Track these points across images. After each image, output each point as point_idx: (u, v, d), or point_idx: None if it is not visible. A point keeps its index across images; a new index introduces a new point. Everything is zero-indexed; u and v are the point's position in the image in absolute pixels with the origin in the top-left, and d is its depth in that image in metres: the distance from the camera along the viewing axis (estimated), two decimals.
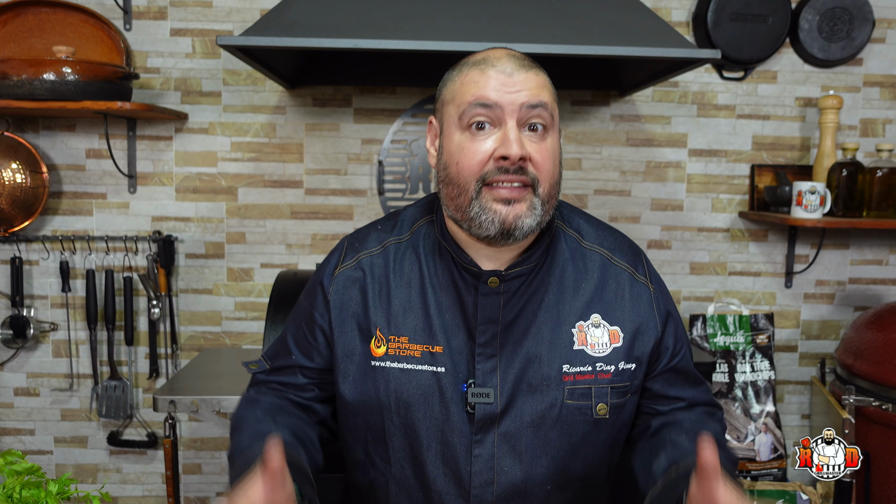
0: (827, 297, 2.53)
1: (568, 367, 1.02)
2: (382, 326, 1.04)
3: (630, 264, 1.09)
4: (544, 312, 1.04)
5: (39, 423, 2.47)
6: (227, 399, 1.87)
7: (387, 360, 1.03)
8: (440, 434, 1.02)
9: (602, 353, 1.03)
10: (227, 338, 2.46)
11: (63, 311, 2.41)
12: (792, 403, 2.56)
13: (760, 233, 2.50)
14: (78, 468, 2.48)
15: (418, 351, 1.02)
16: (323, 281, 1.10)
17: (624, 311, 1.05)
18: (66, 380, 2.44)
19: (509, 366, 1.02)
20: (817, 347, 2.54)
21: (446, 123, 1.00)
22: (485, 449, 1.01)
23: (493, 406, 1.01)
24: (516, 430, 1.02)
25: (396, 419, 1.03)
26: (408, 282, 1.05)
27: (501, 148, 0.94)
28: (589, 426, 1.03)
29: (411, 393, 1.02)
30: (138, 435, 2.47)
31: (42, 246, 2.38)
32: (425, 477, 1.03)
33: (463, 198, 0.97)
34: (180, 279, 2.44)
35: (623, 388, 1.04)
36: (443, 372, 1.01)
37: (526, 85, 0.96)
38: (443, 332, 1.03)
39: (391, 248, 1.09)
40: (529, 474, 1.03)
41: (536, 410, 1.02)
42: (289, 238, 2.44)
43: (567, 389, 1.02)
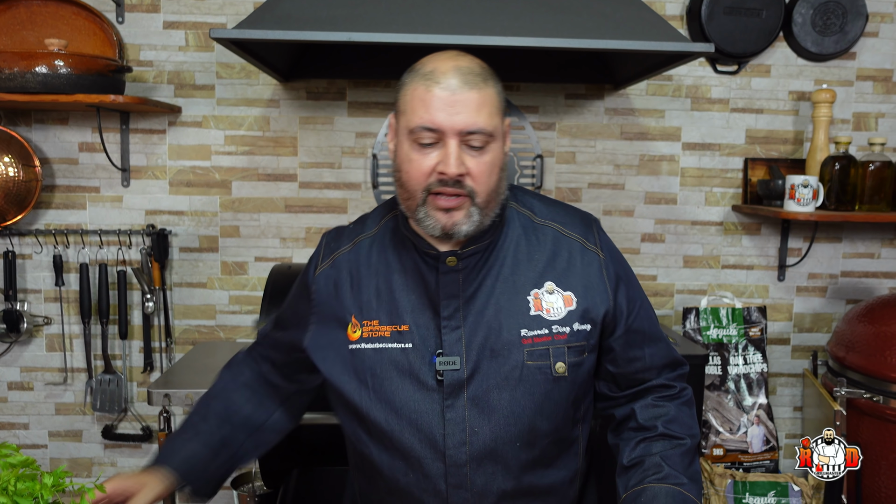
0: (819, 290, 2.54)
1: (526, 332, 1.13)
2: (357, 314, 1.16)
3: (581, 234, 1.20)
4: (501, 284, 1.15)
5: (34, 417, 2.47)
6: None
7: (362, 343, 1.15)
8: (414, 403, 1.12)
9: (557, 316, 1.14)
10: (221, 331, 2.46)
11: (57, 305, 2.40)
12: (784, 396, 2.58)
13: (753, 226, 2.51)
14: (73, 462, 2.48)
15: (388, 331, 1.14)
16: (307, 280, 1.24)
17: (576, 277, 1.16)
18: (59, 374, 2.44)
19: (473, 335, 1.13)
20: (809, 340, 2.56)
21: (400, 130, 1.11)
22: (456, 413, 1.12)
23: (460, 372, 1.11)
24: (483, 392, 1.12)
25: (374, 395, 1.14)
26: (376, 271, 1.18)
27: (441, 165, 1.06)
28: (550, 384, 1.13)
29: (384, 368, 1.14)
30: (133, 429, 2.47)
31: (35, 240, 2.37)
32: (404, 444, 1.13)
33: (411, 202, 1.10)
34: (174, 273, 2.44)
35: (579, 346, 1.15)
36: (410, 347, 1.13)
37: (466, 107, 1.05)
38: (409, 312, 1.14)
39: (363, 243, 1.22)
40: (498, 433, 1.12)
41: (500, 373, 1.12)
42: (283, 231, 2.44)
43: (526, 351, 1.13)
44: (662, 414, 1.19)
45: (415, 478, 1.14)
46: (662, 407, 1.20)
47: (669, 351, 1.23)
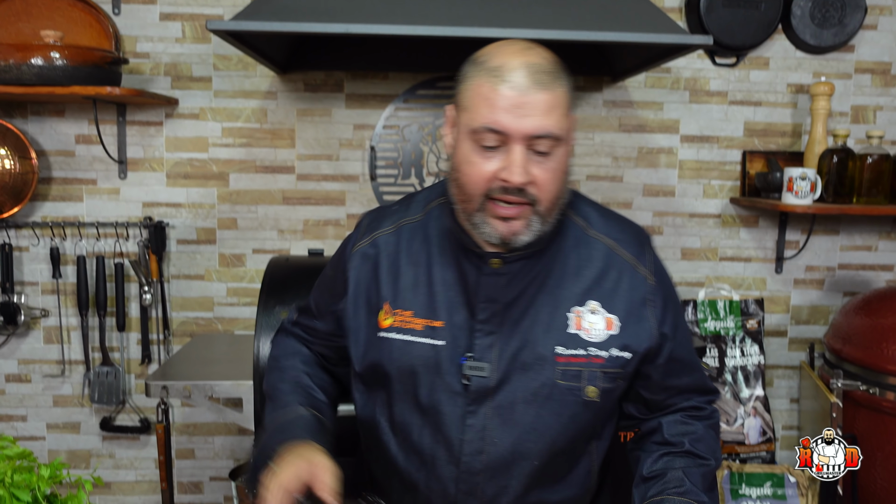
0: (816, 282, 2.55)
1: (562, 349, 1.07)
2: (391, 301, 1.12)
3: (633, 255, 1.13)
4: (543, 295, 1.09)
5: (31, 409, 2.47)
6: (219, 384, 1.87)
7: (392, 332, 1.11)
8: (437, 404, 1.08)
9: (596, 338, 1.08)
10: (219, 323, 2.46)
11: (54, 298, 2.40)
12: (781, 387, 2.59)
13: (751, 219, 2.51)
14: (71, 454, 2.48)
15: (420, 325, 1.09)
16: (344, 258, 1.19)
17: (622, 301, 1.10)
18: (57, 366, 2.44)
19: (506, 343, 1.07)
20: (806, 332, 2.57)
21: (461, 126, 1.03)
22: (477, 420, 1.07)
23: (488, 380, 1.07)
24: (508, 404, 1.07)
25: (398, 386, 1.11)
26: (416, 260, 1.12)
27: (505, 172, 0.98)
28: (578, 407, 1.09)
29: (412, 363, 1.09)
30: (131, 420, 2.47)
31: (32, 232, 2.37)
32: (421, 441, 1.11)
33: (469, 205, 1.04)
34: (172, 265, 2.43)
35: (614, 374, 1.09)
36: (442, 345, 1.08)
37: (535, 109, 0.97)
38: (445, 308, 1.09)
39: (405, 228, 1.16)
40: (517, 447, 1.08)
41: (529, 388, 1.07)
42: (280, 224, 2.43)
43: (559, 370, 1.07)
44: (690, 432, 1.16)
45: (426, 476, 1.12)
46: (691, 425, 1.17)
47: (704, 381, 1.20)
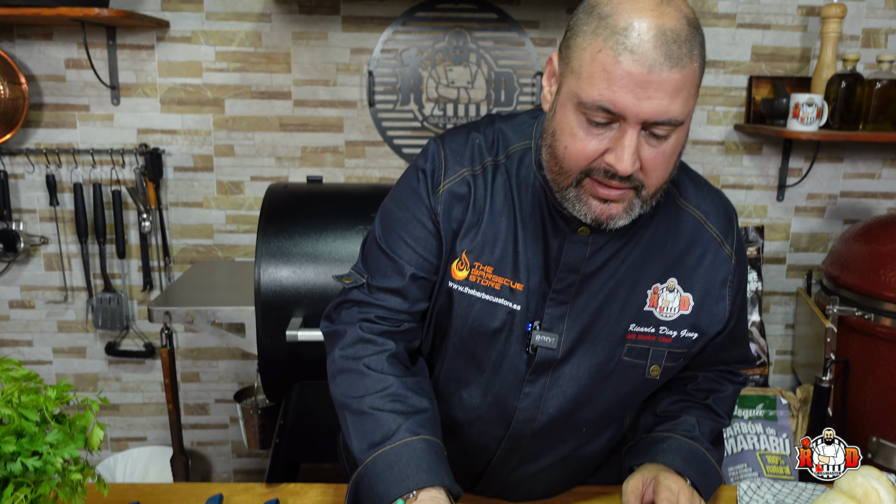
0: (818, 210, 2.54)
1: (634, 326, 1.01)
2: (469, 250, 0.99)
3: (721, 232, 1.04)
4: (626, 269, 1.00)
5: (37, 334, 2.50)
6: (221, 310, 1.89)
7: (466, 286, 0.99)
8: (498, 368, 1.02)
9: (669, 317, 1.01)
10: (219, 250, 2.47)
11: (52, 225, 2.40)
12: (777, 314, 2.62)
13: (755, 146, 2.48)
14: (78, 377, 2.53)
15: (499, 283, 0.99)
16: (429, 199, 1.01)
17: (700, 280, 1.02)
18: (60, 292, 2.45)
19: (579, 316, 1.00)
20: (805, 260, 2.58)
21: (568, 88, 0.87)
22: (535, 388, 1.02)
23: (555, 353, 1.00)
24: (570, 377, 1.02)
25: (458, 342, 1.02)
26: (500, 210, 1.00)
27: (613, 157, 0.85)
28: (639, 384, 1.05)
29: (483, 323, 1.00)
30: (135, 345, 2.51)
31: (27, 159, 2.34)
32: (472, 400, 1.05)
33: (563, 179, 0.91)
34: (169, 192, 2.42)
35: (679, 353, 1.04)
36: (518, 309, 0.99)
37: (661, 90, 0.81)
38: (525, 270, 0.99)
39: (489, 169, 1.01)
40: (570, 417, 1.05)
41: (593, 362, 1.01)
42: (278, 151, 2.40)
43: (627, 346, 1.01)
44: (717, 390, 1.14)
45: (470, 430, 1.08)
46: (720, 384, 1.15)
47: (748, 354, 1.16)
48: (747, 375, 1.18)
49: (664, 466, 1.04)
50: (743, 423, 2.28)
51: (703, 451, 1.07)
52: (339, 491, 1.14)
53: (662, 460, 1.05)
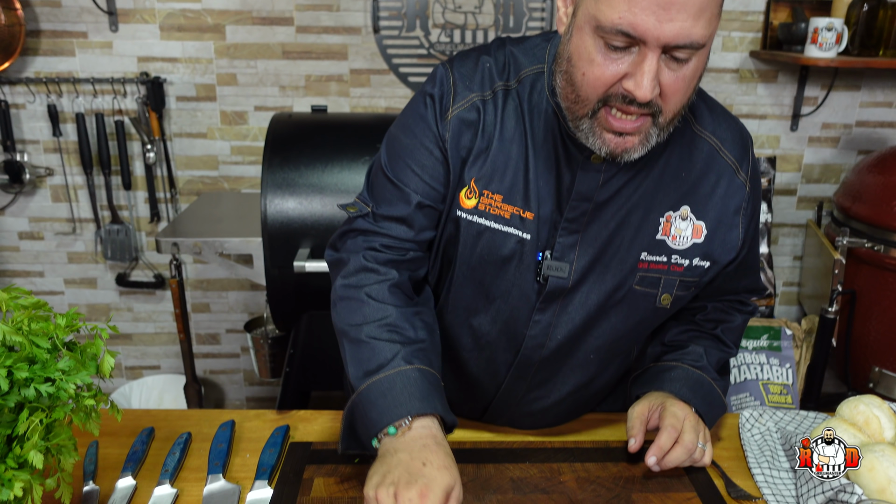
0: (832, 140, 2.49)
1: (646, 255, 0.99)
2: (478, 178, 0.97)
3: (736, 158, 1.02)
4: (639, 197, 0.98)
5: (47, 265, 2.52)
6: (229, 241, 1.89)
7: (474, 215, 0.98)
8: (508, 297, 1.01)
9: (681, 246, 1.00)
10: (225, 182, 2.46)
11: (57, 156, 2.38)
12: (785, 245, 2.60)
13: (770, 73, 2.41)
14: (90, 308, 2.57)
15: (509, 212, 0.97)
16: (437, 126, 0.98)
17: (714, 208, 1.00)
18: (68, 224, 2.46)
19: (590, 244, 0.98)
20: (816, 191, 2.54)
21: (582, 10, 0.84)
22: (544, 316, 1.01)
23: (565, 282, 0.99)
24: (579, 305, 1.01)
25: (467, 271, 1.01)
26: (511, 137, 0.97)
27: (632, 83, 0.82)
28: (649, 312, 1.04)
29: (492, 252, 0.99)
30: (145, 276, 2.54)
31: (27, 89, 2.30)
32: (481, 328, 1.05)
33: (579, 108, 0.88)
34: (173, 123, 2.39)
35: (691, 282, 1.03)
36: (528, 238, 0.97)
37: (683, 11, 0.77)
38: (536, 199, 0.97)
39: (500, 94, 0.98)
40: (579, 344, 1.05)
41: (604, 291, 1.00)
42: (282, 79, 2.35)
43: (639, 276, 1.00)
44: (726, 320, 1.14)
45: (479, 358, 1.07)
46: (730, 314, 1.14)
47: (758, 283, 1.15)
48: (756, 305, 1.17)
49: (670, 395, 1.04)
50: (747, 353, 2.30)
51: (710, 380, 1.07)
52: None
53: (669, 389, 1.05)
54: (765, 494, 0.98)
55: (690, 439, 0.96)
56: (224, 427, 1.08)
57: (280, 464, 1.01)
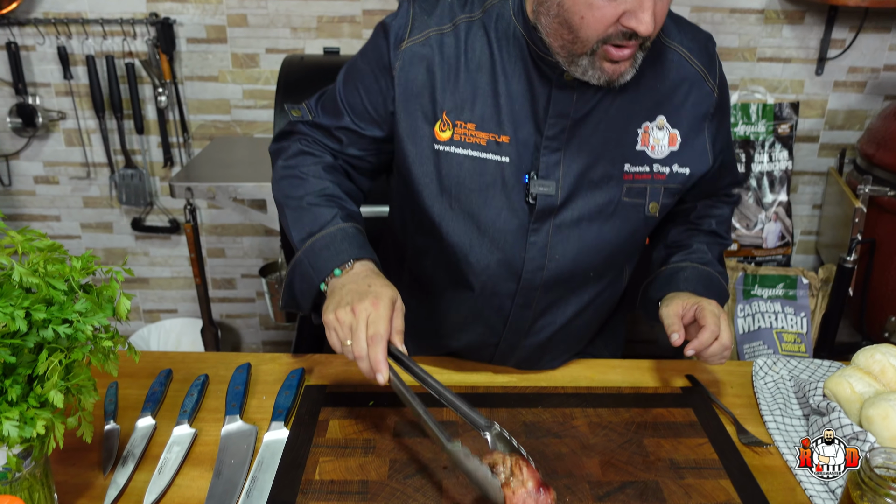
0: (858, 85, 2.41)
1: (629, 167, 1.03)
2: (449, 110, 1.01)
3: (704, 66, 1.06)
4: (615, 111, 1.02)
5: (63, 209, 2.54)
6: (242, 186, 1.89)
7: (451, 146, 1.01)
8: (500, 223, 1.03)
9: (660, 155, 1.05)
10: (237, 126, 2.44)
11: (68, 100, 2.36)
12: (805, 194, 2.56)
13: (797, 14, 2.32)
14: (107, 252, 2.60)
15: (484, 139, 1.00)
16: (387, 54, 1.03)
17: (686, 116, 1.05)
18: (82, 168, 2.46)
19: (573, 161, 1.01)
20: (839, 138, 2.48)
21: None
22: (539, 237, 1.04)
23: (554, 198, 1.02)
24: (572, 222, 1.04)
25: (456, 204, 1.04)
26: (478, 66, 1.01)
27: (634, 21, 0.86)
28: (640, 223, 1.07)
29: (474, 180, 1.02)
30: (160, 221, 2.55)
31: (36, 30, 2.27)
32: (479, 262, 1.06)
33: (577, 48, 0.91)
34: (184, 65, 2.35)
35: (675, 189, 1.07)
36: (507, 162, 1.01)
37: None
38: (510, 122, 1.00)
39: (462, 27, 1.01)
40: (578, 263, 1.06)
41: (594, 205, 1.04)
42: (293, 21, 2.30)
43: (626, 187, 1.04)
44: (718, 214, 1.20)
45: (481, 294, 1.08)
46: (719, 208, 1.21)
47: (737, 176, 1.22)
48: (740, 194, 1.26)
49: (690, 294, 1.08)
50: (762, 301, 2.29)
51: (717, 275, 1.14)
52: None
53: (685, 288, 1.11)
54: (776, 441, 0.99)
55: (728, 337, 1.00)
56: (240, 370, 1.09)
57: (296, 406, 1.03)
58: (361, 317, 0.87)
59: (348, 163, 1.11)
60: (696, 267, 1.14)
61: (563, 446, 0.93)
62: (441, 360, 1.17)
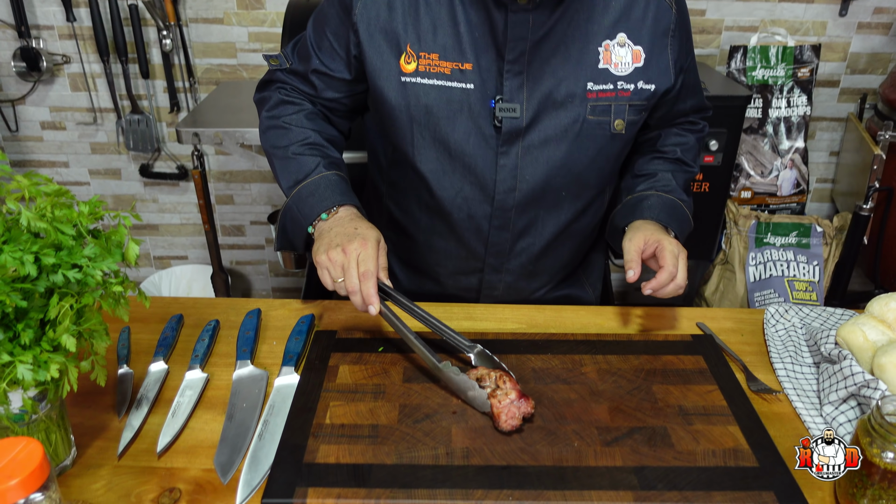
0: (883, 26, 2.33)
1: (592, 85, 1.06)
2: (413, 43, 1.05)
3: None
4: (574, 30, 1.05)
5: (71, 156, 2.53)
6: (250, 132, 1.87)
7: (417, 77, 1.05)
8: (469, 147, 1.08)
9: (624, 72, 1.07)
10: (244, 71, 2.39)
11: (72, 43, 2.32)
12: (822, 140, 2.51)
13: None
14: (116, 198, 2.59)
15: (448, 68, 1.05)
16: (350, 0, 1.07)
17: (647, 32, 1.08)
18: (88, 114, 2.44)
19: (536, 83, 1.05)
20: (861, 82, 2.42)
21: None
22: (509, 160, 1.08)
23: (519, 120, 1.06)
24: (539, 142, 1.08)
25: (426, 133, 1.08)
26: None
27: None
28: (606, 140, 1.10)
29: (441, 107, 1.06)
30: (168, 167, 2.53)
31: None
32: (453, 186, 1.11)
33: None
34: (188, 7, 2.30)
35: (640, 106, 1.10)
36: (471, 88, 1.05)
37: None
38: (472, 50, 1.04)
39: None
40: (548, 183, 1.11)
41: (560, 125, 1.07)
42: None
43: (590, 106, 1.07)
44: (683, 143, 1.23)
45: (458, 218, 1.14)
46: (684, 136, 1.23)
47: (703, 101, 1.24)
48: (706, 124, 1.27)
49: (652, 222, 1.12)
50: (774, 250, 2.27)
51: (681, 203, 1.17)
52: None
53: (648, 216, 1.14)
54: (785, 388, 0.99)
55: (682, 277, 1.03)
56: (251, 315, 1.10)
57: (306, 351, 1.03)
58: (352, 256, 0.95)
59: (326, 107, 1.17)
60: (659, 195, 1.16)
61: (572, 392, 0.94)
62: (448, 308, 1.17)
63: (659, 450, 0.84)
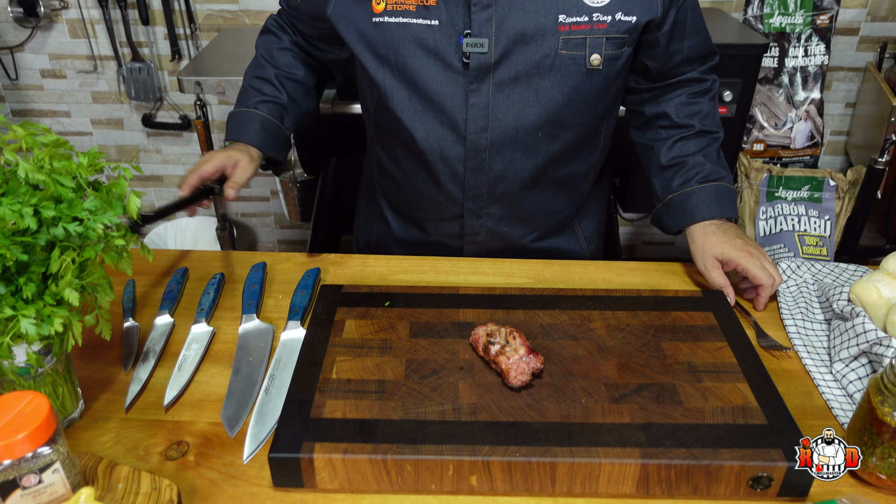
0: None
1: (564, 18, 1.02)
2: None
3: None
4: None
5: (73, 105, 2.49)
6: None
7: (385, 16, 1.05)
8: (437, 85, 1.06)
9: (599, 3, 1.02)
10: (246, 17, 2.33)
11: None
12: (839, 91, 2.45)
13: None
14: (119, 149, 2.57)
15: (413, 4, 1.03)
16: None
17: None
18: (89, 61, 2.39)
19: (505, 16, 1.02)
20: (882, 31, 2.34)
21: None
22: (480, 98, 1.06)
23: (488, 56, 1.03)
24: (510, 79, 1.05)
25: (396, 73, 1.07)
26: None
27: None
28: (582, 76, 1.06)
29: (407, 46, 1.05)
30: (171, 117, 2.50)
31: None
32: (425, 126, 1.10)
33: None
34: None
35: (619, 39, 1.04)
36: (436, 25, 1.03)
37: None
38: None
39: None
40: (521, 121, 1.08)
41: (530, 60, 1.04)
42: None
43: (562, 39, 1.03)
44: (698, 111, 1.17)
45: (432, 160, 1.13)
46: (697, 104, 1.17)
47: (707, 42, 1.17)
48: (715, 77, 1.20)
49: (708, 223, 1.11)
50: (785, 204, 2.24)
51: (724, 184, 1.13)
52: (378, 261, 1.17)
53: (700, 217, 1.12)
54: (796, 345, 0.98)
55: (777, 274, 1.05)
56: (256, 269, 1.09)
57: (312, 305, 1.02)
58: (204, 159, 1.11)
59: (305, 38, 1.23)
60: (701, 188, 1.13)
61: (580, 348, 0.93)
62: (456, 263, 1.16)
63: (667, 407, 0.84)
